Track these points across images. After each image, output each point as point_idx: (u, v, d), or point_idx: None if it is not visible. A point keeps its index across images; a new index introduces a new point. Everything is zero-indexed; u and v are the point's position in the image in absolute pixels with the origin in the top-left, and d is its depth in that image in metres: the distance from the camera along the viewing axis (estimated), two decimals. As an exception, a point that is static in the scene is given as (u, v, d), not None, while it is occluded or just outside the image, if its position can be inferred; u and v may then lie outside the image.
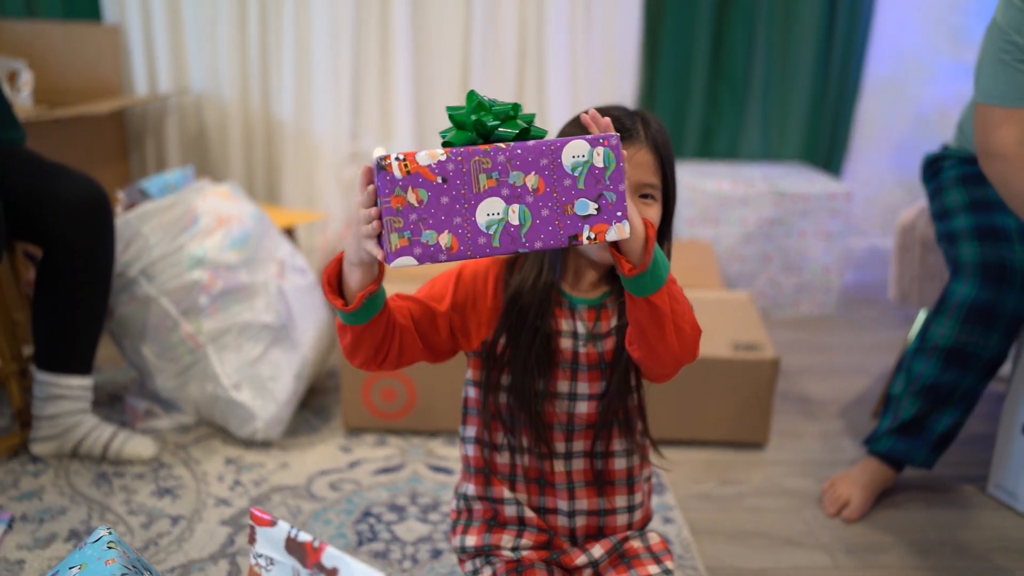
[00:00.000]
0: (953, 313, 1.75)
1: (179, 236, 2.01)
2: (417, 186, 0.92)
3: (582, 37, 3.04)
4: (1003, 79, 1.66)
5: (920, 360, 1.79)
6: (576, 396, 1.28)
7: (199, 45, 2.95)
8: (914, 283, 2.17)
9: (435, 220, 0.93)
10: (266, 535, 0.91)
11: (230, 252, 2.03)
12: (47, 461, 1.90)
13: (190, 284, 1.99)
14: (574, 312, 1.28)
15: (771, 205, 2.90)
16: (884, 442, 1.84)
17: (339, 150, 3.00)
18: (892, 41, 3.20)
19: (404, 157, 0.91)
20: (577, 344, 1.27)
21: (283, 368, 2.03)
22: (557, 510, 1.31)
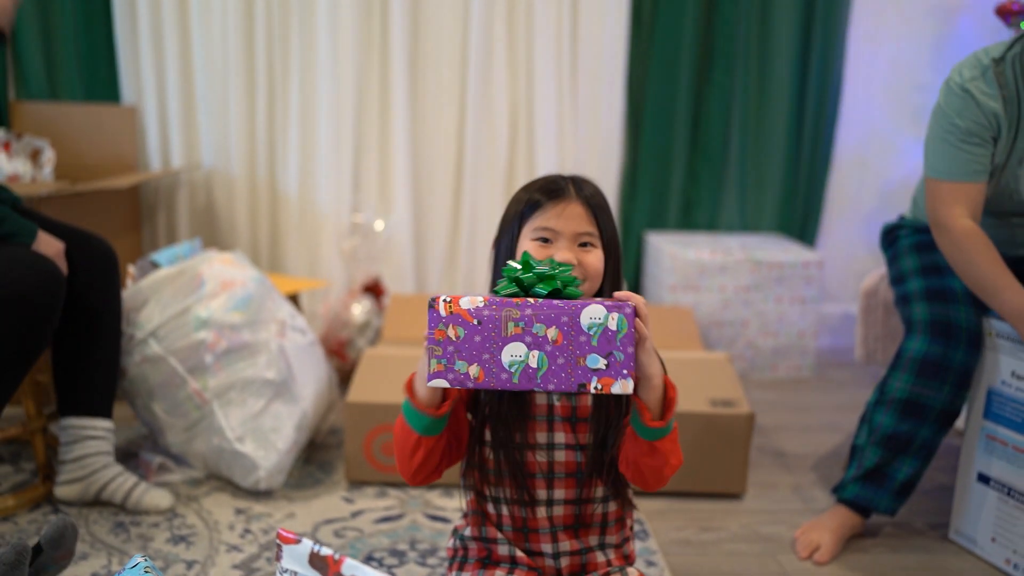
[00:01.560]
0: (907, 367, 1.91)
1: (186, 299, 2.17)
2: (457, 324, 1.11)
3: (569, 117, 3.25)
4: (948, 157, 1.86)
5: (879, 412, 1.95)
6: (554, 446, 1.38)
7: (210, 124, 3.15)
8: (878, 343, 2.34)
9: (467, 354, 1.12)
10: (291, 552, 1.05)
11: (233, 313, 2.19)
12: (67, 511, 2.02)
13: (196, 344, 2.14)
14: None
15: (748, 273, 3.08)
16: (850, 490, 1.98)
17: (340, 222, 3.19)
18: (859, 119, 3.43)
19: (450, 300, 1.11)
20: (551, 397, 1.38)
21: (284, 420, 2.17)
22: (543, 553, 1.41)
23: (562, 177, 1.37)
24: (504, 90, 3.21)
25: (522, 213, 1.34)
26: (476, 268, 3.31)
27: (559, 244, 1.31)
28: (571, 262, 1.29)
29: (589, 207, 1.33)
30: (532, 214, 1.33)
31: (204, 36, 3.09)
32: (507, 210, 1.39)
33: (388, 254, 3.18)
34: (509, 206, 1.38)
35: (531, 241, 1.32)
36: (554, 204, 1.32)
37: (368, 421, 2.18)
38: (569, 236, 1.31)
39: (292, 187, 3.19)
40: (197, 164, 3.20)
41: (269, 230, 3.25)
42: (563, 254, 1.29)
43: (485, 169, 3.26)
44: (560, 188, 1.33)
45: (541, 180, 1.37)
